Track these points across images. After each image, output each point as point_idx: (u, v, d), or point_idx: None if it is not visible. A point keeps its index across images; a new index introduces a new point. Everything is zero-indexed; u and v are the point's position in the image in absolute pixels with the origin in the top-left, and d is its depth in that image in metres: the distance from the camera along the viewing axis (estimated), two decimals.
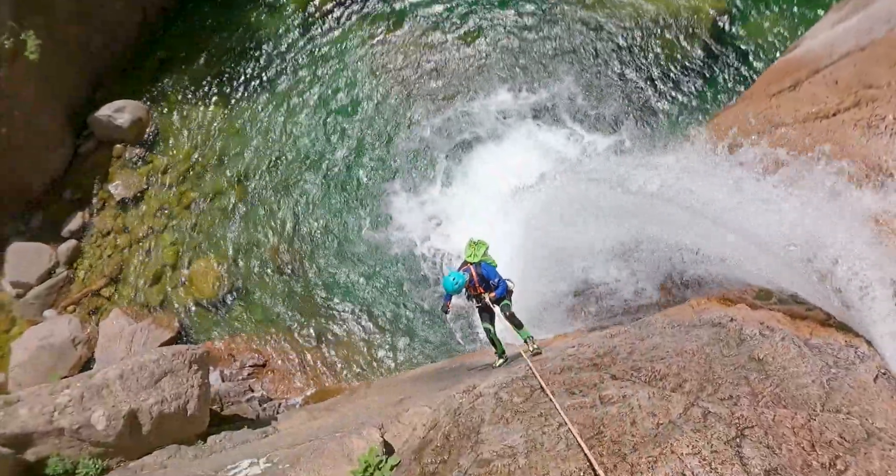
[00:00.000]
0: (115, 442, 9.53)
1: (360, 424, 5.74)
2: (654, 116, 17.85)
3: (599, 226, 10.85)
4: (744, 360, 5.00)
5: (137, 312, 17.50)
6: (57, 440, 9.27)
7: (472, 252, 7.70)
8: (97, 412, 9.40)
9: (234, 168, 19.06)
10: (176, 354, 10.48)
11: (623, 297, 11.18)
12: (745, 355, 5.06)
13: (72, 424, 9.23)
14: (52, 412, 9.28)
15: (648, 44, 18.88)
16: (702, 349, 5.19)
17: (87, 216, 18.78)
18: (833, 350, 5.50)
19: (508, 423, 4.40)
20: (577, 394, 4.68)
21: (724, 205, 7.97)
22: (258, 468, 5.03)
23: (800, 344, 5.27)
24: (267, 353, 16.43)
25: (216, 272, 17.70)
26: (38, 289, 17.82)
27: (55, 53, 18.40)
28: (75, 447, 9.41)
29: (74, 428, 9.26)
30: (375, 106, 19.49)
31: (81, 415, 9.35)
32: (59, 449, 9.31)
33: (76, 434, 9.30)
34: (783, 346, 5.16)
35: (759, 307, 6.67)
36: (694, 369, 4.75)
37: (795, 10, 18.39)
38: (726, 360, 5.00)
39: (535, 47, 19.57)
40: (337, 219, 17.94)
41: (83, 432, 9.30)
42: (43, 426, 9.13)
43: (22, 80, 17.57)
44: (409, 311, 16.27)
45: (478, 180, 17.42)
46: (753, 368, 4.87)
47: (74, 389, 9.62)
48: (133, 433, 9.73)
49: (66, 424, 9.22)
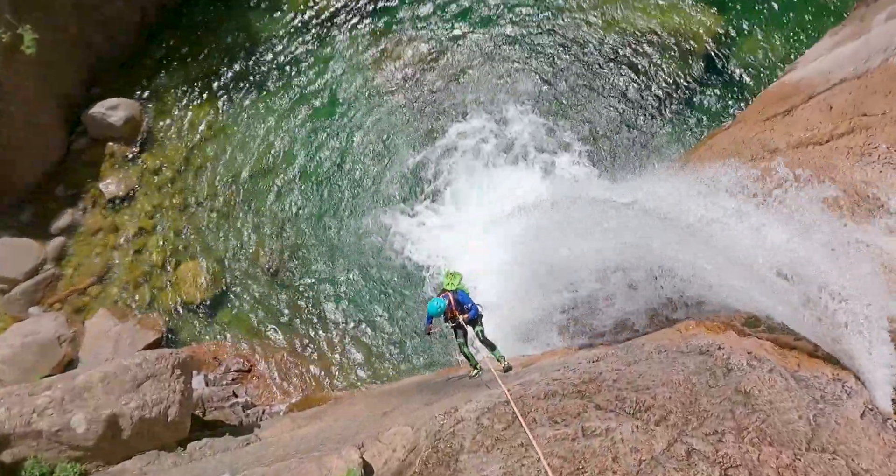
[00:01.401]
0: (94, 446, 9.43)
1: (340, 442, 5.66)
2: (644, 136, 17.87)
3: (590, 245, 10.82)
4: (730, 392, 4.95)
5: (123, 313, 17.35)
6: (35, 442, 9.14)
7: (449, 281, 8.89)
8: (77, 415, 9.29)
9: (226, 170, 18.95)
10: (159, 359, 10.38)
11: (611, 315, 11.14)
12: (731, 387, 4.99)
13: (51, 427, 9.12)
14: (31, 413, 9.16)
15: (642, 61, 18.94)
16: (688, 379, 5.11)
17: (77, 214, 18.60)
18: (821, 384, 5.43)
19: (488, 452, 4.32)
20: (559, 423, 4.61)
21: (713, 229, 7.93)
22: None
23: (787, 377, 5.22)
24: (252, 359, 16.31)
25: (204, 275, 17.56)
26: (24, 285, 17.62)
27: (52, 49, 18.26)
28: (53, 450, 9.28)
29: (53, 430, 9.14)
30: (372, 114, 19.45)
31: (61, 417, 9.24)
32: (37, 451, 9.18)
33: (55, 437, 9.18)
34: (770, 378, 5.10)
35: (747, 334, 6.62)
36: (679, 400, 4.69)
37: (793, 32, 18.51)
38: (712, 391, 4.94)
39: (528, 64, 19.57)
40: (329, 226, 17.87)
41: (62, 435, 9.19)
42: (21, 428, 9.00)
43: (18, 75, 17.44)
44: (397, 322, 16.21)
45: (471, 194, 17.39)
46: (740, 401, 4.81)
47: (55, 391, 9.50)
48: (113, 437, 9.63)
49: (44, 427, 9.11)
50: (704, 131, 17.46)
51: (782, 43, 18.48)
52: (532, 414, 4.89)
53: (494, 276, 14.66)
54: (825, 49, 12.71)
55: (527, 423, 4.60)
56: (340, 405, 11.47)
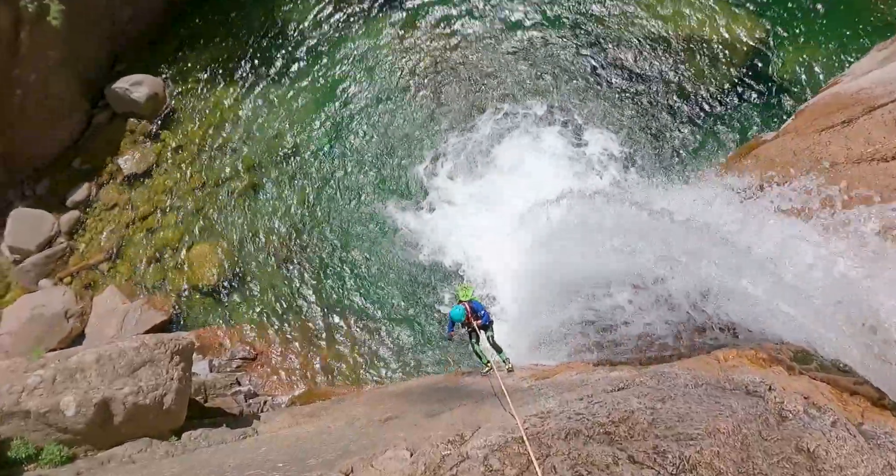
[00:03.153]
0: (83, 430, 9.05)
1: (330, 459, 5.12)
2: (680, 139, 17.11)
3: (616, 253, 10.19)
4: (790, 449, 4.20)
5: (133, 291, 17.09)
6: (22, 422, 8.79)
7: (464, 293, 9.99)
8: (67, 397, 8.92)
9: (246, 154, 18.58)
10: (158, 344, 9.97)
11: (634, 332, 10.46)
12: (791, 443, 4.26)
13: (39, 408, 8.75)
14: (21, 392, 8.81)
15: (680, 64, 18.18)
16: (738, 428, 4.36)
17: (94, 188, 18.42)
18: (893, 442, 4.65)
19: None
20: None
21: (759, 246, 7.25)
22: None
23: (855, 433, 4.47)
24: (259, 347, 15.91)
25: (217, 258, 17.21)
26: (36, 257, 17.46)
27: (78, 21, 18.07)
28: (41, 432, 8.92)
29: (42, 411, 8.77)
30: (398, 103, 18.92)
31: (51, 398, 8.87)
32: (24, 432, 8.84)
33: (43, 418, 8.82)
34: (838, 436, 4.34)
35: (797, 372, 5.88)
36: (730, 457, 3.97)
37: (833, 44, 17.60)
38: (767, 446, 4.20)
39: (560, 61, 18.88)
40: (347, 217, 17.37)
41: (50, 417, 8.82)
42: (9, 406, 8.66)
43: (42, 45, 17.24)
44: (409, 320, 15.66)
45: (495, 191, 16.73)
46: (803, 464, 4.01)
47: (48, 370, 9.14)
48: (104, 423, 9.24)
49: (33, 407, 8.75)
50: (741, 136, 16.70)
51: (825, 54, 17.60)
52: (551, 459, 4.16)
53: (515, 278, 14.08)
54: (875, 63, 12.01)
55: (544, 473, 3.93)
56: (342, 404, 10.97)
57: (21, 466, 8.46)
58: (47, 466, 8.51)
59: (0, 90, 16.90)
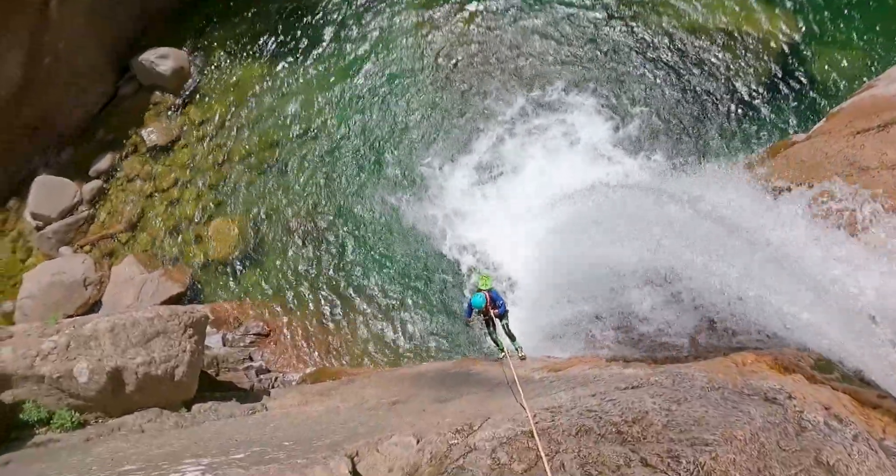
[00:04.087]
0: (95, 397, 9.12)
1: (337, 441, 5.09)
2: (711, 133, 16.74)
3: (637, 248, 10.00)
4: (809, 461, 4.03)
5: (151, 262, 17.24)
6: (36, 387, 8.88)
7: (484, 283, 10.44)
8: (81, 364, 8.98)
9: (268, 131, 18.57)
10: (172, 316, 10.01)
11: (650, 329, 10.30)
12: (810, 455, 4.09)
13: (53, 373, 8.82)
14: (35, 357, 8.88)
15: (711, 58, 17.75)
16: (755, 436, 4.19)
17: (117, 158, 18.55)
18: None
19: None
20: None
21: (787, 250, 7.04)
22: None
23: (877, 449, 4.29)
24: (273, 324, 15.98)
25: (235, 233, 17.28)
26: (57, 224, 17.66)
27: None
28: (54, 396, 9.01)
29: (55, 377, 8.85)
30: (423, 88, 18.72)
31: (64, 364, 8.94)
32: (37, 396, 8.92)
33: (56, 383, 8.90)
34: (859, 451, 4.15)
35: (818, 381, 5.69)
36: (746, 466, 3.83)
37: (870, 46, 17.04)
38: (785, 457, 4.03)
39: (591, 48, 18.52)
40: (367, 199, 17.29)
41: (63, 383, 8.89)
42: (23, 370, 8.73)
43: (71, 14, 17.29)
44: (424, 304, 15.61)
45: (519, 178, 16.52)
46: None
47: (62, 336, 9.21)
48: (115, 391, 9.31)
49: (46, 372, 8.82)
50: (770, 135, 16.32)
51: (860, 56, 17.06)
52: (560, 456, 4.04)
53: (534, 267, 13.92)
54: None
55: (553, 470, 3.82)
56: (352, 385, 10.96)
57: (33, 429, 8.57)
58: (58, 430, 8.61)
59: (29, 57, 17.01)
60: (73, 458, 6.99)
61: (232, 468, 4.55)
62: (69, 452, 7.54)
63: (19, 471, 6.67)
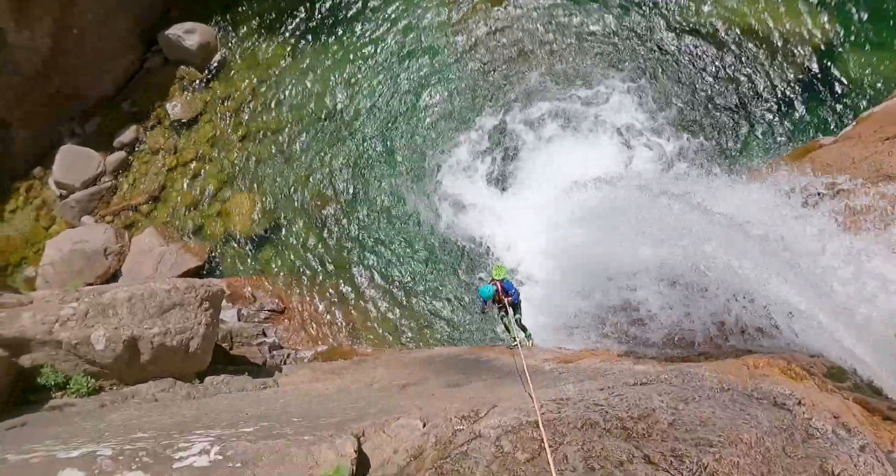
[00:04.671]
0: (111, 364, 9.25)
1: (343, 421, 5.12)
2: (736, 132, 16.45)
3: (655, 244, 9.89)
4: (813, 469, 3.93)
5: (170, 234, 17.44)
6: (54, 352, 9.02)
7: (497, 273, 10.87)
8: (98, 331, 9.11)
9: (291, 110, 18.59)
10: (189, 288, 10.10)
11: (663, 326, 10.20)
12: (815, 463, 3.99)
13: (70, 339, 8.95)
14: (54, 323, 9.01)
15: (742, 57, 17.35)
16: (761, 440, 4.12)
17: (141, 131, 18.71)
18: None
19: None
20: (595, 470, 3.77)
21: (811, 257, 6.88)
22: (207, 459, 4.46)
23: (884, 461, 4.19)
24: (288, 301, 16.13)
25: (254, 210, 17.41)
26: (80, 193, 17.90)
27: None
28: (71, 362, 9.15)
29: (73, 343, 8.98)
30: (447, 73, 18.60)
31: (82, 331, 9.07)
32: (55, 361, 9.07)
33: (74, 350, 9.03)
34: (865, 462, 4.06)
35: (829, 389, 5.59)
36: (750, 470, 3.78)
37: None
38: (790, 463, 3.96)
39: (625, 44, 18.20)
40: (387, 181, 17.31)
41: (81, 349, 9.02)
42: (42, 335, 8.86)
43: None
44: (438, 290, 15.66)
45: (540, 169, 16.38)
46: None
47: (81, 304, 9.34)
48: (131, 359, 9.43)
49: (64, 338, 8.95)
50: (796, 137, 16.00)
51: (893, 61, 16.58)
52: (564, 448, 4.02)
53: (550, 257, 13.86)
54: None
55: (555, 462, 3.80)
56: (363, 365, 11.04)
57: (49, 393, 8.72)
58: (74, 396, 8.76)
59: (58, 28, 17.14)
60: (87, 423, 7.12)
61: (240, 441, 4.60)
62: (83, 417, 7.68)
63: (35, 432, 6.81)
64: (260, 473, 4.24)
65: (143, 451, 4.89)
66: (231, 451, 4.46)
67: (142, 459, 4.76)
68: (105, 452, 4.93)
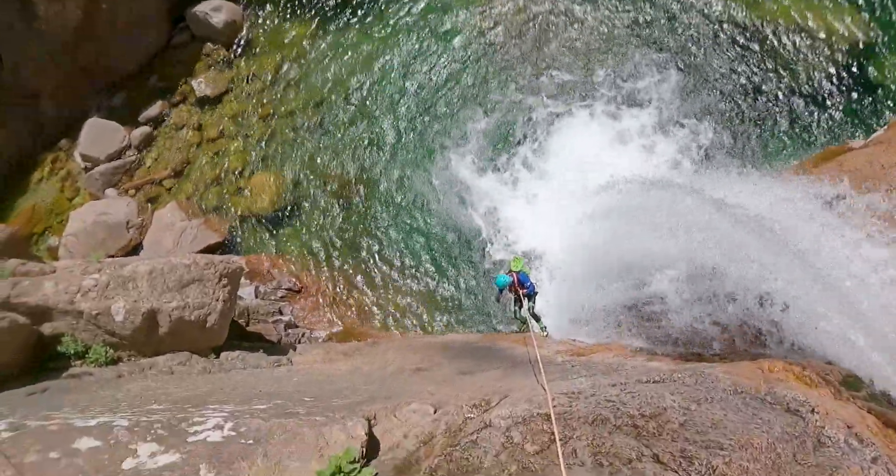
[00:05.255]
0: (129, 336, 9.40)
1: (355, 403, 5.16)
2: (762, 131, 16.10)
3: (678, 241, 9.76)
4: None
5: (192, 210, 17.59)
6: (74, 321, 9.18)
7: (514, 264, 11.13)
8: (118, 303, 9.25)
9: (315, 91, 18.59)
10: (209, 264, 10.20)
11: (680, 324, 10.11)
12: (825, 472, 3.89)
13: (91, 309, 9.10)
14: (76, 293, 9.17)
15: (775, 52, 16.94)
16: (772, 446, 4.08)
17: (167, 106, 18.84)
18: None
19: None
20: (604, 468, 3.76)
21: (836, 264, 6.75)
22: (220, 434, 4.52)
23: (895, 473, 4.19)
24: (305, 280, 16.23)
25: (276, 189, 17.50)
26: (105, 166, 18.11)
27: None
28: (90, 332, 9.31)
29: (93, 313, 9.13)
30: (473, 57, 18.43)
31: (102, 302, 9.21)
32: (75, 330, 9.23)
33: (94, 320, 9.18)
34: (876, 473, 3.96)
35: (844, 398, 5.52)
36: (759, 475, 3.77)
37: None
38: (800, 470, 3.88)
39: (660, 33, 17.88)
40: (410, 166, 17.26)
41: (101, 320, 9.17)
42: (63, 304, 9.02)
43: None
44: (455, 277, 15.65)
45: (564, 162, 16.22)
46: None
47: (103, 275, 9.47)
48: (149, 332, 9.58)
49: (85, 308, 9.10)
50: (823, 138, 15.65)
51: None
52: (573, 442, 4.02)
53: (569, 249, 13.80)
54: None
55: (564, 456, 3.81)
56: (377, 348, 11.10)
57: (69, 361, 8.90)
58: (93, 365, 8.92)
59: (89, 0, 17.26)
60: (105, 392, 7.26)
61: (253, 418, 4.66)
62: (101, 386, 7.83)
63: (54, 399, 6.96)
64: (271, 451, 4.29)
65: (158, 423, 4.97)
66: (244, 428, 4.52)
67: (157, 432, 4.84)
68: (121, 423, 5.02)
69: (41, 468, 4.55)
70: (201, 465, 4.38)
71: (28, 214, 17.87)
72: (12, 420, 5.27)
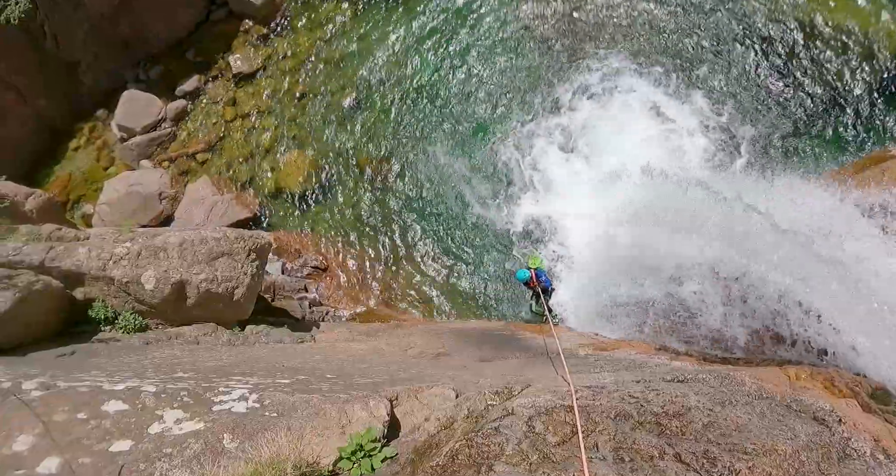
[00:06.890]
0: (158, 305, 9.55)
1: (377, 383, 5.16)
2: (804, 134, 15.60)
3: (708, 241, 9.56)
4: None
5: (224, 185, 17.77)
6: (106, 287, 9.36)
7: (532, 262, 11.83)
8: (148, 272, 9.39)
9: (351, 72, 18.55)
10: (238, 238, 10.30)
11: (706, 325, 9.92)
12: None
13: (122, 277, 9.26)
14: (108, 260, 9.32)
15: (822, 53, 16.39)
16: (797, 454, 3.96)
17: (203, 81, 18.97)
18: None
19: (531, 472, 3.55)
20: (625, 463, 3.70)
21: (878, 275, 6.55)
22: (245, 405, 4.56)
23: None
24: (331, 259, 16.33)
25: (306, 167, 17.57)
26: (140, 138, 18.35)
27: None
28: (121, 299, 9.49)
29: (124, 281, 9.29)
30: (513, 43, 18.20)
31: (133, 270, 9.36)
32: (106, 296, 9.42)
33: (125, 287, 9.35)
34: None
35: (873, 411, 5.36)
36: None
37: None
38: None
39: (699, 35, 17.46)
40: (441, 152, 17.17)
41: (131, 287, 9.34)
42: (96, 270, 9.19)
43: None
44: (481, 265, 15.60)
45: (600, 157, 15.98)
46: None
47: (135, 244, 9.62)
48: (177, 302, 9.72)
49: (117, 275, 9.26)
50: (864, 144, 15.15)
51: None
52: (595, 436, 3.97)
53: (602, 246, 13.66)
54: None
55: (586, 449, 3.77)
56: (398, 330, 11.14)
57: (99, 326, 9.10)
58: (121, 331, 9.11)
59: None
60: (131, 358, 7.39)
61: (277, 392, 4.69)
62: (128, 352, 7.97)
63: (83, 362, 7.10)
64: (294, 426, 4.32)
65: (184, 391, 5.04)
66: (268, 401, 4.57)
67: (183, 399, 4.91)
68: (149, 389, 5.10)
69: (68, 427, 4.65)
70: (225, 433, 4.43)
71: (64, 182, 18.22)
72: (43, 380, 5.39)
